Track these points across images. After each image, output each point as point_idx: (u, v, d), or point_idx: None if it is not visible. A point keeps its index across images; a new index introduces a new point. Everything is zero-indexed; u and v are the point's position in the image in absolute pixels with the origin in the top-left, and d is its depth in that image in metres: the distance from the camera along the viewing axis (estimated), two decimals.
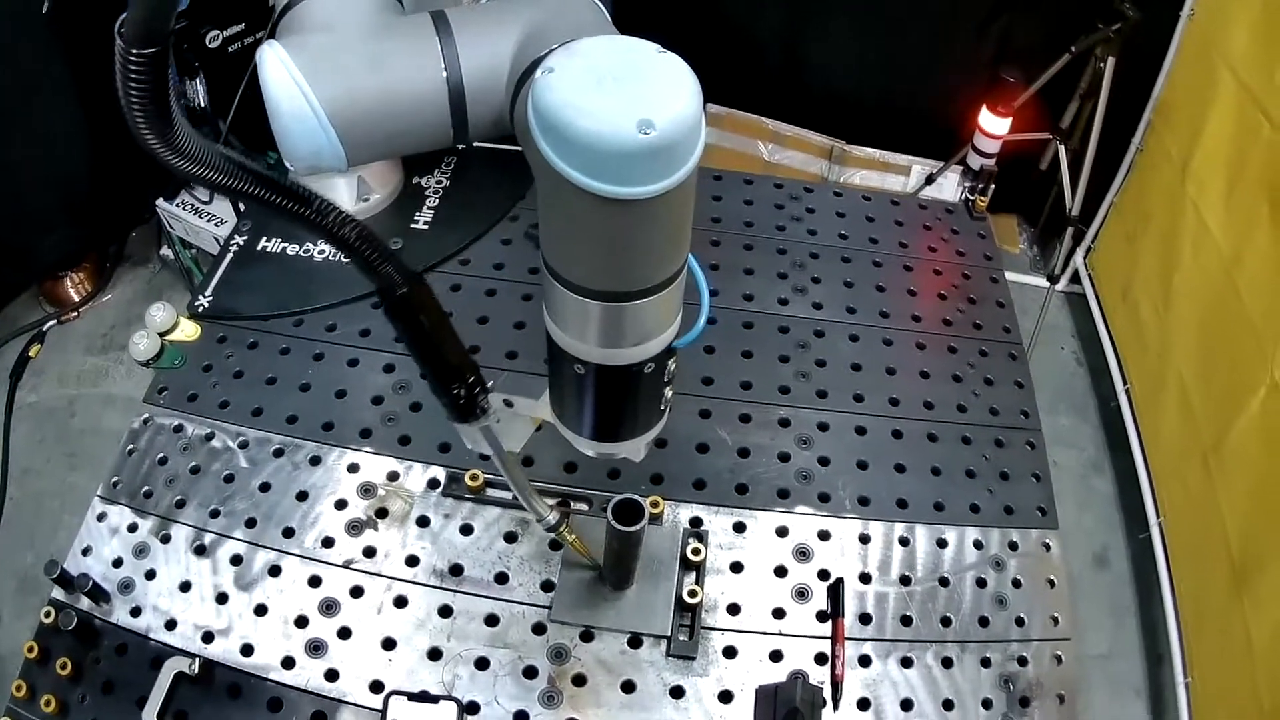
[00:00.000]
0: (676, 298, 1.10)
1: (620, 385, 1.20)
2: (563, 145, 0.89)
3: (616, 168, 0.88)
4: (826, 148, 4.07)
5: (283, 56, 0.95)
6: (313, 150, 0.98)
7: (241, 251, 2.11)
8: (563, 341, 1.14)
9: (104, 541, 1.71)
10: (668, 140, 0.88)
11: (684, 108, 0.89)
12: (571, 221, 0.98)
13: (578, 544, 1.56)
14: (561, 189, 0.91)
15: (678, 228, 1.02)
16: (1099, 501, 3.55)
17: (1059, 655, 1.69)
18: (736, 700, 1.57)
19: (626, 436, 1.32)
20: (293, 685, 1.55)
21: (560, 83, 0.89)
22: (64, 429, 3.51)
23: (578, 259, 1.03)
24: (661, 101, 0.88)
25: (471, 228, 2.17)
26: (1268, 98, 2.73)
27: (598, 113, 0.87)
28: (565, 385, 1.23)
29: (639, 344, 1.13)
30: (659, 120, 0.86)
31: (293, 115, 0.95)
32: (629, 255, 1.00)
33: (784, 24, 3.84)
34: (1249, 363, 2.64)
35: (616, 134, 0.86)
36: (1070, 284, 4.13)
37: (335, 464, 1.79)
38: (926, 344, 2.06)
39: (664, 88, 0.90)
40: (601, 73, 0.90)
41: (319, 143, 0.98)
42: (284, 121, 0.96)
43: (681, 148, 0.90)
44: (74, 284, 3.83)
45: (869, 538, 1.76)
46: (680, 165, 0.91)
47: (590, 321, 1.09)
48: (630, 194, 0.90)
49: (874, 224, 2.29)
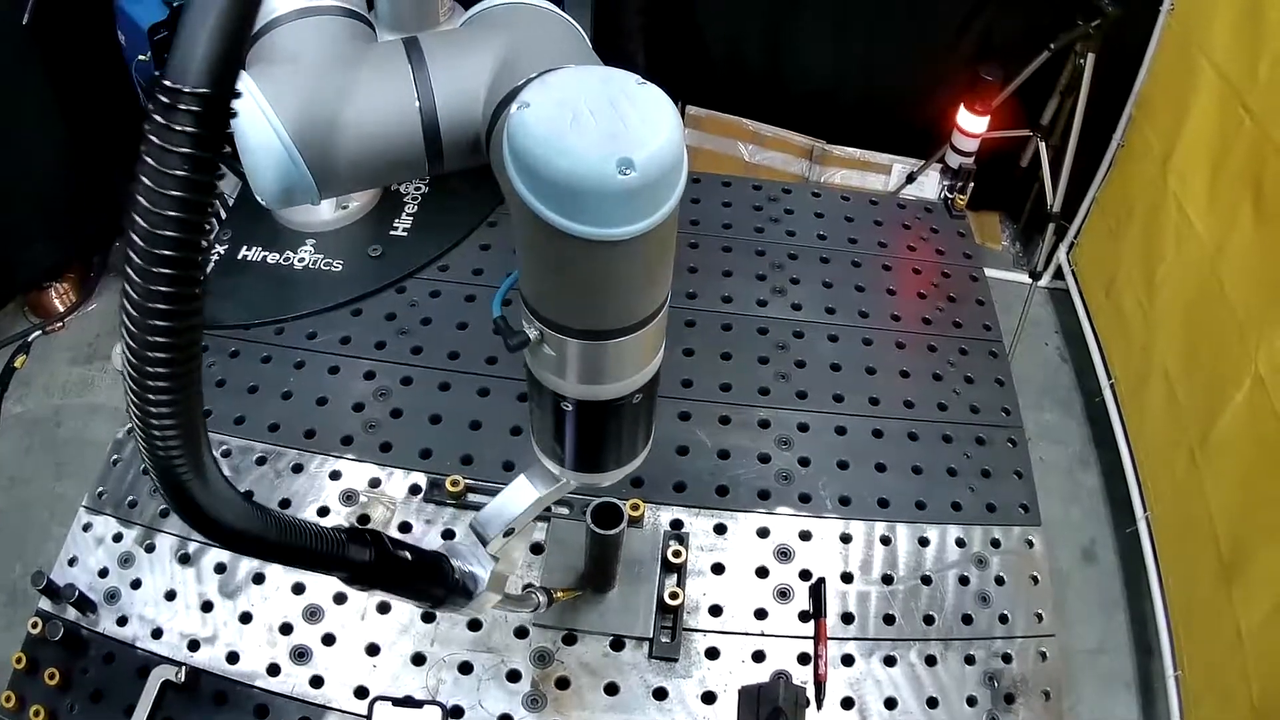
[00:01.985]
0: (659, 333, 1.07)
1: (601, 419, 1.18)
2: (539, 185, 0.85)
3: (595, 209, 0.84)
4: (807, 148, 4.08)
5: (250, 88, 0.92)
6: (283, 184, 0.95)
7: (222, 260, 2.11)
8: (542, 377, 1.12)
9: (90, 551, 1.71)
10: (648, 180, 0.83)
11: (664, 145, 0.85)
12: (549, 261, 0.94)
13: (566, 595, 1.58)
14: (538, 228, 0.87)
15: (659, 265, 0.99)
16: (1086, 496, 3.55)
17: (1043, 652, 1.70)
18: (720, 701, 1.57)
19: (610, 467, 1.31)
20: (278, 692, 1.56)
21: (535, 119, 0.85)
22: (51, 439, 3.50)
23: (555, 297, 1.01)
24: (641, 139, 0.84)
25: (451, 234, 2.17)
26: (1248, 91, 2.74)
27: (575, 152, 0.83)
28: (544, 418, 1.21)
29: (620, 380, 1.11)
30: (639, 159, 0.82)
31: (261, 148, 0.92)
32: (608, 295, 0.97)
33: (763, 24, 3.83)
34: (1233, 355, 2.65)
35: (595, 175, 0.82)
36: (1053, 280, 4.13)
37: (317, 471, 1.79)
38: (906, 343, 2.06)
39: (643, 123, 0.86)
40: (578, 107, 0.86)
41: (289, 176, 0.95)
42: (253, 155, 0.93)
43: (662, 186, 0.86)
44: (59, 294, 3.81)
45: (850, 537, 1.77)
46: (662, 204, 0.86)
47: (569, 359, 1.06)
48: (609, 235, 0.86)
49: (853, 224, 2.29)
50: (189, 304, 0.71)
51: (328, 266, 2.10)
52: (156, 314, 0.70)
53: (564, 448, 1.23)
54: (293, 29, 1.01)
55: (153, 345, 0.72)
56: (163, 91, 0.65)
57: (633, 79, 0.90)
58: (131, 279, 0.69)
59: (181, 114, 0.65)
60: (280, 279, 2.08)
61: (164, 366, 0.73)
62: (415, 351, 1.97)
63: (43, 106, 3.19)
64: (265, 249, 2.12)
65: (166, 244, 0.67)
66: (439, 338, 1.99)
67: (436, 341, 1.98)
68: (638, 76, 0.90)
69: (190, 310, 0.72)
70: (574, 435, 1.20)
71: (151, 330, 0.71)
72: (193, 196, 0.67)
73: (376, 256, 2.12)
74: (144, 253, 0.68)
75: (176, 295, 0.70)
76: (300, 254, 2.10)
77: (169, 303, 0.70)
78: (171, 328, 0.71)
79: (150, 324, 0.71)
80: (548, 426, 1.20)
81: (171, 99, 0.64)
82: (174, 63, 0.65)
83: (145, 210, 0.67)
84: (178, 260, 0.68)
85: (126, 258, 0.68)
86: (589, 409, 1.13)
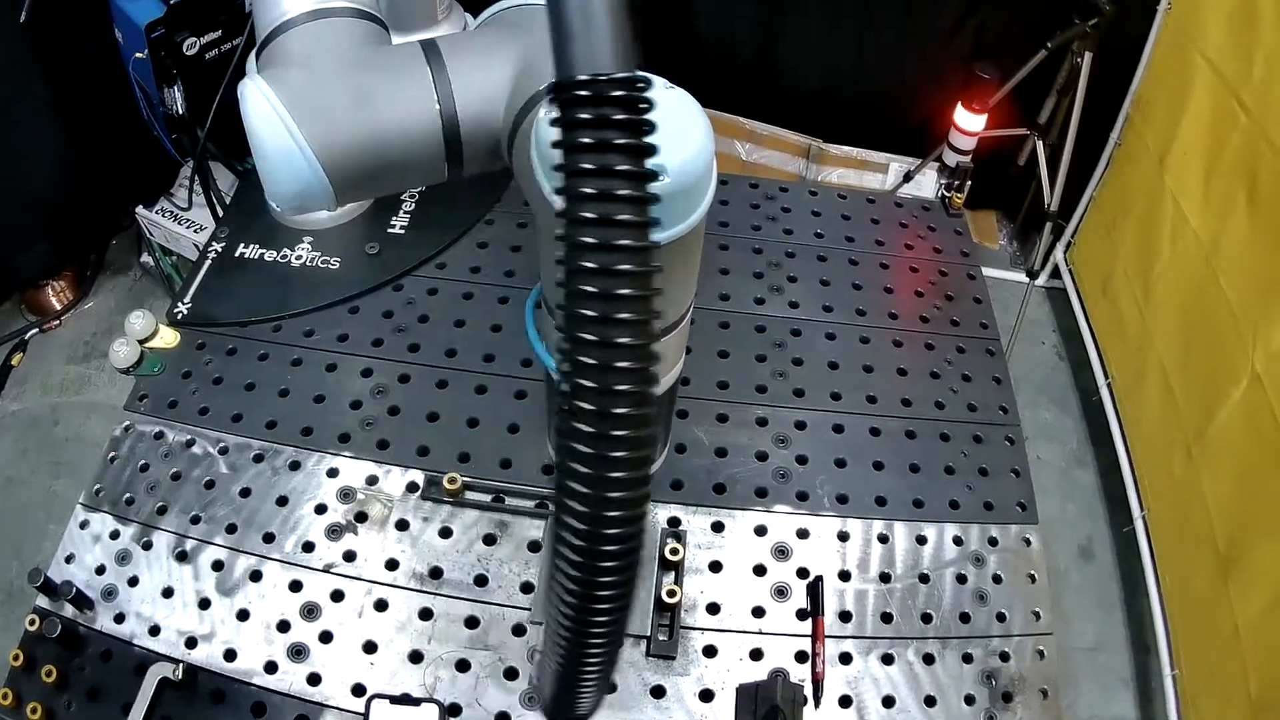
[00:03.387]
0: (682, 339, 1.06)
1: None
2: None
3: None
4: (804, 147, 4.07)
5: (265, 91, 0.91)
6: (299, 189, 0.93)
7: (220, 258, 2.10)
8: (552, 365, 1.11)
9: (87, 549, 1.71)
10: (682, 185, 0.83)
11: (697, 150, 0.85)
12: None
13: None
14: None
15: (688, 270, 0.97)
16: (1083, 494, 3.56)
17: (1041, 650, 1.69)
18: (717, 699, 1.57)
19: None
20: (275, 690, 1.55)
21: None
22: (47, 437, 3.50)
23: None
24: (673, 143, 0.83)
25: (448, 232, 2.17)
26: (1244, 88, 2.75)
27: None
28: (552, 410, 1.20)
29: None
30: (672, 164, 0.82)
31: (277, 153, 0.91)
32: None
33: (759, 22, 3.83)
34: (1230, 352, 2.65)
35: None
36: (1050, 279, 4.14)
37: (315, 469, 1.79)
38: (904, 341, 2.06)
39: (675, 128, 0.85)
40: None
41: (306, 181, 0.93)
42: (269, 160, 0.91)
43: (695, 191, 0.86)
44: (55, 292, 3.81)
45: (848, 535, 1.77)
46: (694, 209, 0.86)
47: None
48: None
49: (850, 222, 2.29)
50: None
51: (325, 264, 2.09)
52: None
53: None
54: (306, 31, 0.99)
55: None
56: (581, 86, 0.62)
57: (661, 82, 0.89)
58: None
59: (609, 101, 0.62)
60: (277, 277, 2.08)
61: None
62: (412, 349, 1.97)
63: (39, 104, 3.18)
64: (262, 246, 2.12)
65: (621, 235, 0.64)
66: (436, 336, 1.99)
67: (434, 339, 1.98)
68: (665, 80, 0.89)
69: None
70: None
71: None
72: (642, 193, 0.64)
73: (374, 254, 2.11)
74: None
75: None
76: (297, 251, 2.10)
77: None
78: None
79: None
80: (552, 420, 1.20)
81: (595, 89, 0.61)
82: (577, 57, 0.62)
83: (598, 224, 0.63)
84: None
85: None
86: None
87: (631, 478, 0.69)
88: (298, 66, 0.98)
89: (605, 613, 0.74)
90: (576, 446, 0.68)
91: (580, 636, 0.75)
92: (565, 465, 0.70)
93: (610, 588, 0.73)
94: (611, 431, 0.66)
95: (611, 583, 0.72)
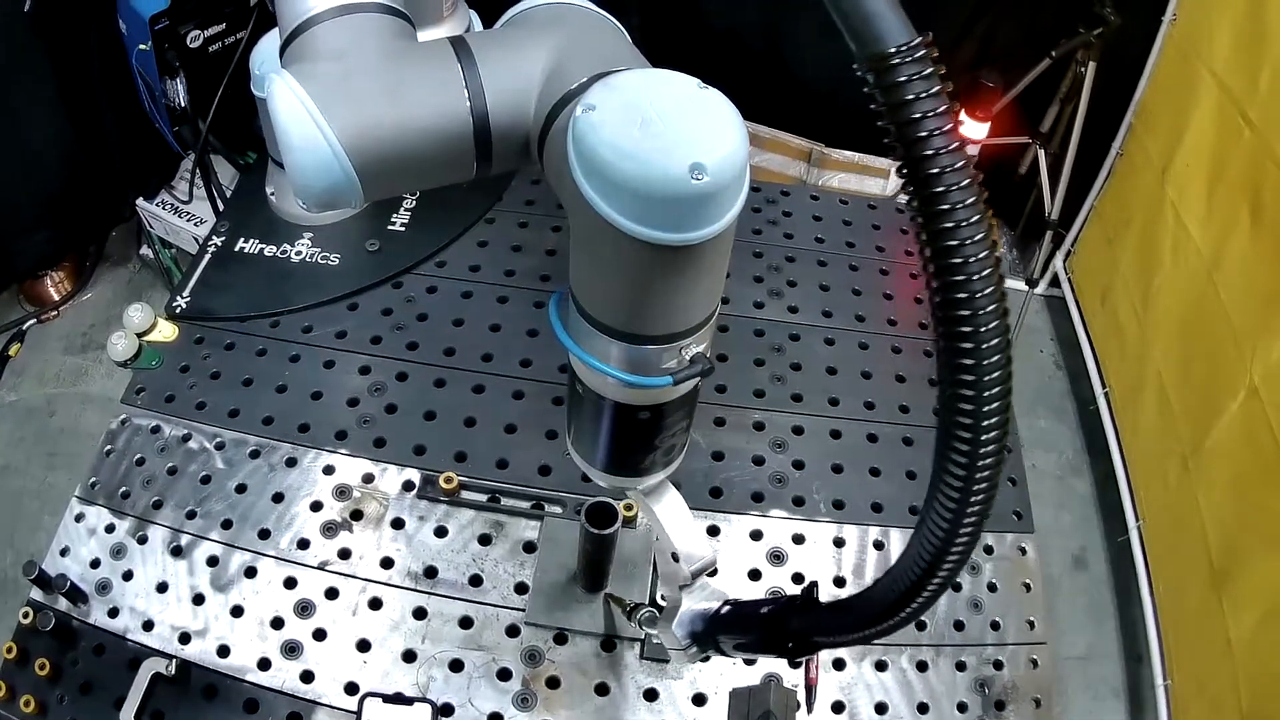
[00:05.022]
0: (709, 338, 1.06)
1: (641, 423, 1.17)
2: (608, 189, 0.84)
3: (666, 214, 0.84)
4: (805, 151, 4.06)
5: (294, 86, 0.90)
6: (327, 186, 0.93)
7: (219, 252, 2.10)
8: (588, 379, 1.11)
9: (82, 542, 1.71)
10: (720, 184, 0.83)
11: (733, 149, 0.84)
12: (610, 265, 0.93)
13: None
14: (601, 232, 0.87)
15: (719, 269, 0.98)
16: (1078, 503, 3.56)
17: (1035, 659, 1.70)
18: (710, 703, 1.57)
19: (645, 473, 1.30)
20: (269, 686, 1.55)
21: (603, 122, 0.84)
22: (43, 428, 3.50)
23: (615, 303, 0.98)
24: (710, 143, 0.83)
25: (448, 230, 2.17)
26: (1248, 101, 2.74)
27: (646, 156, 0.82)
28: (585, 419, 1.20)
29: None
30: (710, 163, 0.82)
31: (306, 149, 0.90)
32: (669, 299, 0.96)
33: (761, 25, 3.83)
34: (1228, 365, 2.65)
35: (668, 179, 0.82)
36: (1050, 287, 4.14)
37: (311, 466, 1.79)
38: (902, 348, 2.06)
39: (711, 127, 0.85)
40: (645, 111, 0.85)
41: (334, 177, 0.92)
42: (297, 156, 0.91)
43: (732, 190, 0.85)
44: (54, 283, 3.81)
45: (843, 541, 1.77)
46: (729, 208, 0.86)
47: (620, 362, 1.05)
48: (679, 240, 0.85)
49: (851, 227, 2.29)
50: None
51: (325, 260, 2.09)
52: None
53: (600, 449, 1.23)
54: (334, 26, 0.98)
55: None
56: (889, 57, 0.70)
57: (694, 82, 0.89)
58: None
59: (909, 66, 0.70)
60: (277, 272, 2.08)
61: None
62: (411, 347, 1.96)
63: (43, 94, 3.18)
64: (262, 241, 2.11)
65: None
66: (435, 334, 1.99)
67: (432, 338, 1.98)
68: (698, 80, 0.89)
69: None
70: (609, 436, 1.20)
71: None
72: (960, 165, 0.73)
73: (374, 251, 2.11)
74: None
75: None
76: (297, 247, 2.10)
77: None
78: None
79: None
80: (586, 429, 1.21)
81: (896, 58, 0.70)
82: (872, 32, 0.70)
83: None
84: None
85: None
86: (625, 411, 1.13)
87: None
88: (325, 61, 0.98)
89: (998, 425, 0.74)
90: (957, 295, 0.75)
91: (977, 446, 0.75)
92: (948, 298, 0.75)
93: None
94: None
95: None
